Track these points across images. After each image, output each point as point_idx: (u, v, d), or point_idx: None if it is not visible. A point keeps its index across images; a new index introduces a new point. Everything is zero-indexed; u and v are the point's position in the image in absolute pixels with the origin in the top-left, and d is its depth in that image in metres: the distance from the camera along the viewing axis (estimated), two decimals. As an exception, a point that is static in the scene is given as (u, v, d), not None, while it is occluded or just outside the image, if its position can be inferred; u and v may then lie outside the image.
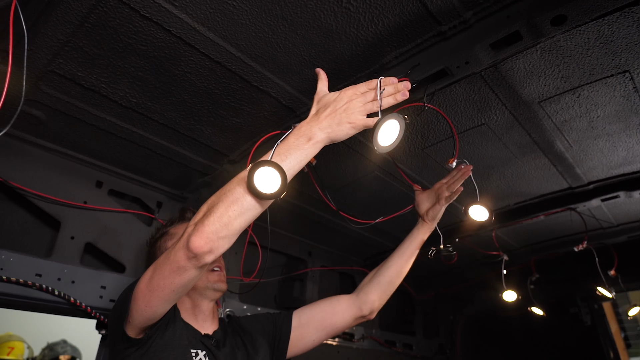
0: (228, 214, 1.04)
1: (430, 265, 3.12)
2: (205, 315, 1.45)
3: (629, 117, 1.66)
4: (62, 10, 1.16)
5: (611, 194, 2.12)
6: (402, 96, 1.12)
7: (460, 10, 1.22)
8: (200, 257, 1.05)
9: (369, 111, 1.10)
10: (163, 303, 1.17)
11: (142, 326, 1.22)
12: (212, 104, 1.58)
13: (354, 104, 1.09)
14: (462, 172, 1.59)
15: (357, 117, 1.09)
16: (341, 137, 1.10)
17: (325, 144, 1.10)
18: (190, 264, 1.07)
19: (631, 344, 3.96)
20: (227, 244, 1.07)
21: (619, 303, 3.77)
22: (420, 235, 1.67)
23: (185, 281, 1.11)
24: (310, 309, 1.64)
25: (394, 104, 1.12)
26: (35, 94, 1.47)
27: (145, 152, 1.84)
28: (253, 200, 1.04)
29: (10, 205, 1.76)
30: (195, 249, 1.03)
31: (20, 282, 1.55)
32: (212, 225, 1.03)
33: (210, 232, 1.03)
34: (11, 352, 3.57)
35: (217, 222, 1.03)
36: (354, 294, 1.69)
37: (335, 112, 1.09)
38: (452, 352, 3.72)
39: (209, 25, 1.25)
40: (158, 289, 1.13)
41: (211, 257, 1.06)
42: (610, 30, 1.27)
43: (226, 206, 1.04)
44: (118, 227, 1.95)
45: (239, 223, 1.05)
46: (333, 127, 1.08)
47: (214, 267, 1.48)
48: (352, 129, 1.09)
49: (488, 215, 1.67)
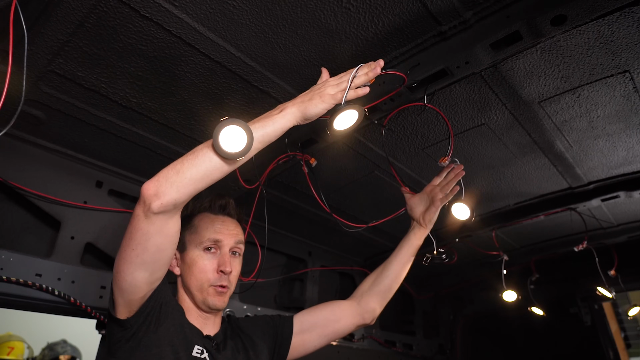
0: (182, 162, 1.08)
1: (430, 265, 3.12)
2: (207, 318, 1.43)
3: (629, 117, 1.66)
4: (62, 10, 1.16)
5: (611, 194, 2.12)
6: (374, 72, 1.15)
7: (460, 10, 1.22)
8: (148, 201, 1.06)
9: (341, 91, 1.14)
10: (127, 267, 1.14)
11: (121, 302, 1.18)
12: (212, 104, 1.58)
13: (328, 84, 1.16)
14: (454, 172, 1.58)
15: (327, 92, 1.13)
16: (311, 111, 1.13)
17: (296, 118, 1.13)
18: (140, 211, 1.08)
19: (631, 344, 3.96)
20: (175, 192, 1.06)
21: (619, 303, 3.77)
22: (416, 241, 1.66)
23: (139, 234, 1.10)
24: (311, 315, 1.61)
25: (366, 81, 1.16)
26: (35, 94, 1.47)
27: (145, 152, 1.84)
28: (210, 152, 1.07)
29: (10, 205, 1.76)
30: (143, 191, 1.06)
31: (20, 282, 1.55)
32: (164, 171, 1.08)
33: (161, 176, 1.07)
34: (11, 352, 3.57)
35: (170, 168, 1.08)
36: (354, 300, 1.67)
37: (310, 91, 1.17)
38: (452, 352, 3.72)
39: (209, 25, 1.25)
40: (123, 250, 1.14)
41: (157, 203, 1.05)
42: (611, 30, 1.27)
43: (184, 157, 1.09)
44: (118, 227, 1.94)
45: (191, 173, 1.07)
46: (305, 101, 1.13)
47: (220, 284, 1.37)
48: (321, 103, 1.13)
49: (470, 214, 1.65)
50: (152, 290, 1.23)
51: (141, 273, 1.16)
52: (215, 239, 1.40)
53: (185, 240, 1.43)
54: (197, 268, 1.37)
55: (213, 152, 1.06)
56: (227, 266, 1.37)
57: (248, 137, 1.04)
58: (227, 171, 1.10)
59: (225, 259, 1.39)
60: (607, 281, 2.61)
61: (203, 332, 1.38)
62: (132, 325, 1.21)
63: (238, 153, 1.04)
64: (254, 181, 1.71)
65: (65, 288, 1.68)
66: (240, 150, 1.04)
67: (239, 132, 1.04)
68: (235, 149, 1.04)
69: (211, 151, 1.07)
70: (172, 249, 1.19)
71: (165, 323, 1.27)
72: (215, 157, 1.07)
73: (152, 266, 1.17)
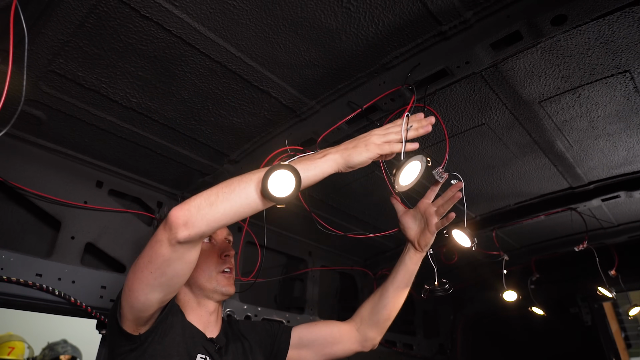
0: (217, 195, 1.05)
1: (430, 265, 3.11)
2: (210, 317, 1.44)
3: (630, 117, 1.66)
4: (62, 10, 1.16)
5: (612, 193, 2.11)
6: (425, 130, 1.17)
7: (461, 10, 1.22)
8: (175, 229, 1.02)
9: (387, 140, 1.14)
10: (142, 288, 1.12)
11: (129, 318, 1.18)
12: (212, 103, 1.58)
13: (375, 133, 1.15)
14: (453, 194, 1.40)
15: (374, 141, 1.13)
16: (355, 159, 1.12)
17: (338, 165, 1.12)
18: (164, 237, 1.04)
19: (631, 344, 3.96)
20: (205, 225, 1.03)
21: (620, 303, 3.77)
22: (412, 265, 1.54)
23: (160, 260, 1.07)
24: (310, 332, 1.60)
25: (415, 136, 1.16)
26: (35, 94, 1.47)
27: (146, 152, 1.84)
28: (249, 190, 1.05)
29: (11, 205, 1.76)
30: (171, 218, 1.02)
31: (20, 282, 1.55)
32: (197, 200, 1.04)
33: (192, 206, 1.03)
34: (12, 352, 3.57)
35: (203, 199, 1.04)
36: (354, 325, 1.63)
37: (356, 139, 1.15)
38: (453, 352, 3.71)
39: (209, 25, 1.25)
40: (139, 269, 1.11)
41: (185, 233, 1.02)
42: (611, 30, 1.27)
43: (218, 189, 1.06)
44: (118, 227, 1.95)
45: (224, 207, 1.04)
46: (349, 149, 1.12)
47: (224, 269, 1.45)
48: (366, 152, 1.12)
49: (470, 242, 1.51)
50: (162, 308, 1.24)
51: (156, 295, 1.15)
52: None
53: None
54: (202, 257, 1.39)
55: (254, 190, 1.04)
56: (228, 249, 1.47)
57: (296, 185, 1.03)
58: (260, 210, 1.09)
59: (224, 244, 1.50)
60: (607, 281, 2.61)
61: (206, 334, 1.38)
62: (141, 340, 1.21)
63: (284, 198, 1.03)
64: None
65: (66, 288, 1.68)
66: (286, 196, 1.03)
67: (288, 178, 1.03)
68: (281, 194, 1.03)
69: (251, 188, 1.05)
70: (189, 274, 1.17)
71: (171, 333, 1.27)
72: (254, 196, 1.05)
73: (168, 289, 1.17)
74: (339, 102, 1.58)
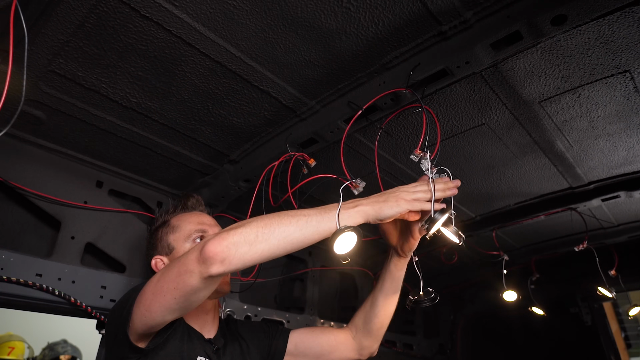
0: (256, 234, 1.04)
1: (430, 265, 3.12)
2: (207, 316, 1.44)
3: (630, 117, 1.66)
4: (62, 10, 1.16)
5: (612, 193, 2.11)
6: (452, 192, 1.21)
7: (461, 10, 1.22)
8: (210, 265, 1.01)
9: (416, 198, 1.18)
10: (162, 311, 1.11)
11: (139, 332, 1.17)
12: (212, 104, 1.58)
13: (403, 189, 1.20)
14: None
15: (403, 197, 1.16)
16: (385, 212, 1.15)
17: (369, 217, 1.16)
18: (197, 269, 1.03)
19: (631, 344, 3.96)
20: (241, 264, 1.03)
21: (620, 303, 3.77)
22: (398, 272, 1.50)
23: (188, 289, 1.06)
24: (307, 338, 1.60)
25: (442, 197, 1.22)
26: (35, 94, 1.47)
27: (146, 152, 1.84)
28: (290, 230, 1.07)
29: (10, 205, 1.76)
30: (208, 254, 1.00)
31: (20, 282, 1.55)
32: (235, 236, 1.03)
33: (231, 242, 1.02)
34: (12, 352, 3.57)
35: (243, 236, 1.03)
36: (350, 333, 1.62)
37: (385, 193, 1.20)
38: (453, 352, 3.72)
39: (209, 25, 1.25)
40: (161, 292, 1.10)
41: (220, 270, 1.01)
42: (611, 30, 1.27)
43: (257, 227, 1.05)
44: (118, 227, 1.95)
45: (262, 248, 1.04)
46: (380, 202, 1.16)
47: None
48: (397, 206, 1.15)
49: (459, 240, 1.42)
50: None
51: (174, 316, 1.16)
52: (201, 229, 1.45)
53: (170, 242, 1.44)
54: None
55: (296, 235, 1.07)
56: None
57: (357, 242, 1.14)
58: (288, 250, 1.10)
59: None
60: (607, 281, 2.61)
61: (204, 335, 1.38)
62: (148, 350, 1.20)
63: (343, 255, 1.17)
64: (254, 181, 1.72)
65: (66, 288, 1.68)
66: (345, 253, 1.16)
67: (351, 237, 1.12)
68: (341, 251, 1.15)
69: (292, 232, 1.07)
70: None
71: (172, 338, 1.27)
72: (293, 240, 1.08)
73: (186, 311, 1.18)
74: (339, 102, 1.58)
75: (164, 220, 1.53)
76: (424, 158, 1.29)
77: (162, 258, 1.44)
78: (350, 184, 1.36)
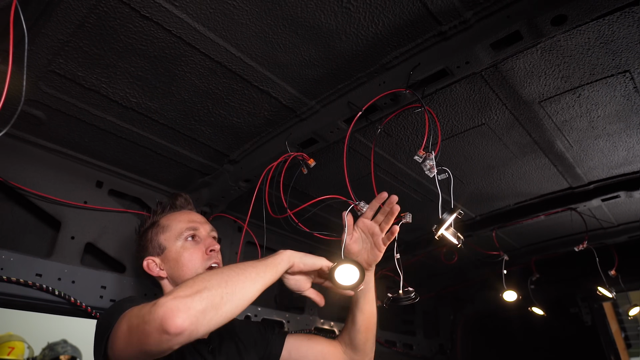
0: (220, 295, 0.97)
1: (430, 265, 3.12)
2: None
3: (630, 117, 1.66)
4: (62, 10, 1.16)
5: (611, 193, 2.12)
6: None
7: (461, 10, 1.22)
8: (174, 335, 0.89)
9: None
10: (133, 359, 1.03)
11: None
12: (212, 104, 1.58)
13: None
14: (389, 209, 1.35)
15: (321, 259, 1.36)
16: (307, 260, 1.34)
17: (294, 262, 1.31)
18: (156, 336, 0.91)
19: (631, 344, 3.96)
20: (208, 329, 0.96)
21: (620, 303, 3.77)
22: (368, 286, 1.45)
23: (152, 354, 0.97)
24: (302, 346, 1.57)
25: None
26: (35, 94, 1.47)
27: (146, 152, 1.84)
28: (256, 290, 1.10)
29: (10, 205, 1.76)
30: (169, 322, 0.89)
31: (20, 282, 1.55)
32: (201, 302, 0.94)
33: (198, 311, 0.92)
34: (12, 352, 3.57)
35: (207, 301, 0.95)
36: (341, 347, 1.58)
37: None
38: (453, 352, 3.72)
39: (209, 25, 1.25)
40: (130, 345, 1.01)
41: (184, 340, 0.92)
42: (611, 30, 1.27)
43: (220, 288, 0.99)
44: (118, 227, 1.95)
45: (228, 309, 0.99)
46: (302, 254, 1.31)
47: (211, 264, 1.40)
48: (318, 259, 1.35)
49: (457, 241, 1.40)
50: None
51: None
52: (193, 227, 1.44)
53: (161, 242, 1.43)
54: (187, 255, 1.38)
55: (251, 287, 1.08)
56: (213, 244, 1.43)
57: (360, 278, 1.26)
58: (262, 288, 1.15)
59: (209, 240, 1.45)
60: (607, 281, 2.61)
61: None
62: None
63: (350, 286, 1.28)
64: (254, 181, 1.71)
65: (66, 288, 1.68)
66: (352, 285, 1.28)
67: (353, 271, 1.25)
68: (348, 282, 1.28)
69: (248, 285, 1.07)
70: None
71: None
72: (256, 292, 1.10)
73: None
74: (339, 102, 1.58)
75: (152, 221, 1.51)
76: (428, 158, 1.29)
77: (154, 259, 1.43)
78: (355, 207, 1.40)
